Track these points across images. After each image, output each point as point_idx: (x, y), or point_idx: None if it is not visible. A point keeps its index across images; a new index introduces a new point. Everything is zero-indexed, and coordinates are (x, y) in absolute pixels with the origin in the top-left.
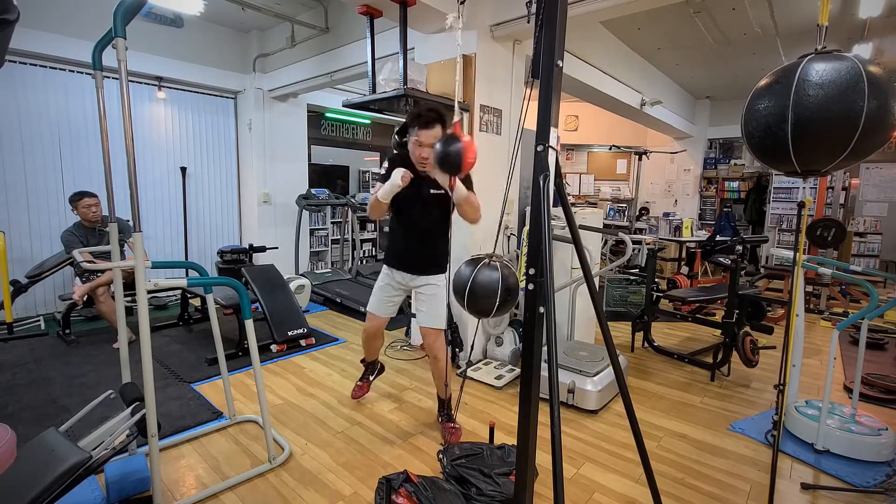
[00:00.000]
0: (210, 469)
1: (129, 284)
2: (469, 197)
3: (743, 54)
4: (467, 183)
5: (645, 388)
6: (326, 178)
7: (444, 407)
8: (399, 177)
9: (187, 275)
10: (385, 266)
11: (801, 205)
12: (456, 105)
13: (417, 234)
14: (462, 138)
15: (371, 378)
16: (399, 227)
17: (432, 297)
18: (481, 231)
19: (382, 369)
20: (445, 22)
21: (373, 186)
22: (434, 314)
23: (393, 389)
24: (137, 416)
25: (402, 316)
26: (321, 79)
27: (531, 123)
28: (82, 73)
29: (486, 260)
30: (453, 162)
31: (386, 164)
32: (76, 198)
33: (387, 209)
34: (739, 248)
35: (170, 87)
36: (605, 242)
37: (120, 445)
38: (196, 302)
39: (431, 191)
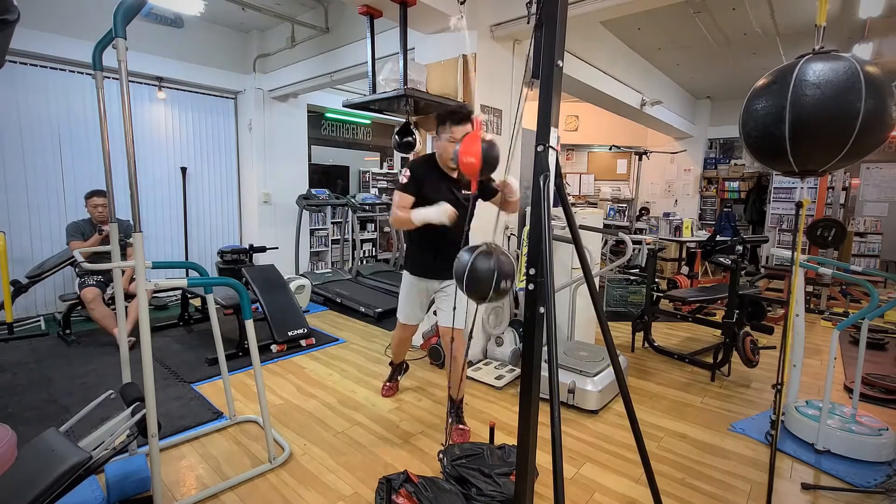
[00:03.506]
0: (210, 469)
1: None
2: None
3: (743, 54)
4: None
5: (645, 388)
6: (326, 178)
7: (456, 408)
8: (447, 216)
9: (187, 275)
10: (410, 275)
11: (800, 205)
12: (477, 106)
13: (447, 239)
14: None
15: (399, 378)
16: (429, 235)
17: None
18: (480, 231)
19: (408, 367)
20: (449, 23)
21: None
22: (460, 313)
23: None
24: (138, 417)
25: None
26: (321, 79)
27: (531, 123)
28: (82, 73)
29: (484, 247)
30: (494, 164)
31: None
32: (87, 195)
33: None
34: (739, 248)
35: (170, 88)
36: (606, 242)
37: (120, 445)
38: (196, 302)
39: (464, 191)
